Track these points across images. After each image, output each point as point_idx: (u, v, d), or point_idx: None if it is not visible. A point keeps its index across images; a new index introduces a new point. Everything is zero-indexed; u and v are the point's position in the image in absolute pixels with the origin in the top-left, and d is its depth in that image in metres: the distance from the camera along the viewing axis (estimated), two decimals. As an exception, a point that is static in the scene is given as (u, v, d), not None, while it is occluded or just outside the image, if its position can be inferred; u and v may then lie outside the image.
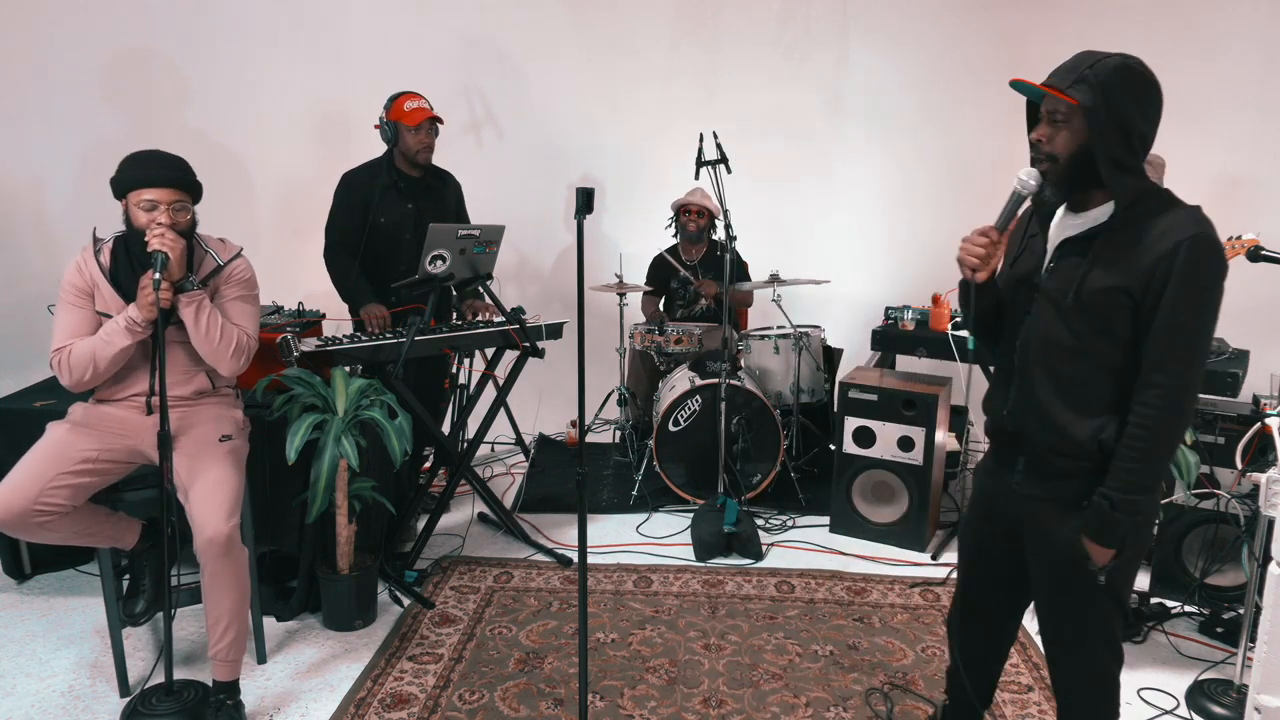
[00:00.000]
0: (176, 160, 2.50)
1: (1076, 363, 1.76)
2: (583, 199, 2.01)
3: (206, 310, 2.50)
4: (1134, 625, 3.00)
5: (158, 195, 2.42)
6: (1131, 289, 1.67)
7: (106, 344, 2.45)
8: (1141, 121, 1.68)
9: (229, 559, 2.40)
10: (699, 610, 3.14)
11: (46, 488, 2.33)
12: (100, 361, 2.45)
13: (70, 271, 2.52)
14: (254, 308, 2.68)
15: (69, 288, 2.51)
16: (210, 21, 4.80)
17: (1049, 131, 1.75)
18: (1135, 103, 1.67)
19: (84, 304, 2.51)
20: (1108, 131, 1.66)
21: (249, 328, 2.63)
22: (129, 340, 2.45)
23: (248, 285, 2.66)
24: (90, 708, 2.57)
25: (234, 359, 2.57)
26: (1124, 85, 1.66)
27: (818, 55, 4.98)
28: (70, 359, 2.46)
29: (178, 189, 2.45)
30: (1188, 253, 1.62)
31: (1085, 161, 1.70)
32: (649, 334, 4.35)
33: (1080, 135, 1.69)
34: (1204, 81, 4.55)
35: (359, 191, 3.53)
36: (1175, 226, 1.66)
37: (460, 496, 4.04)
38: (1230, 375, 3.07)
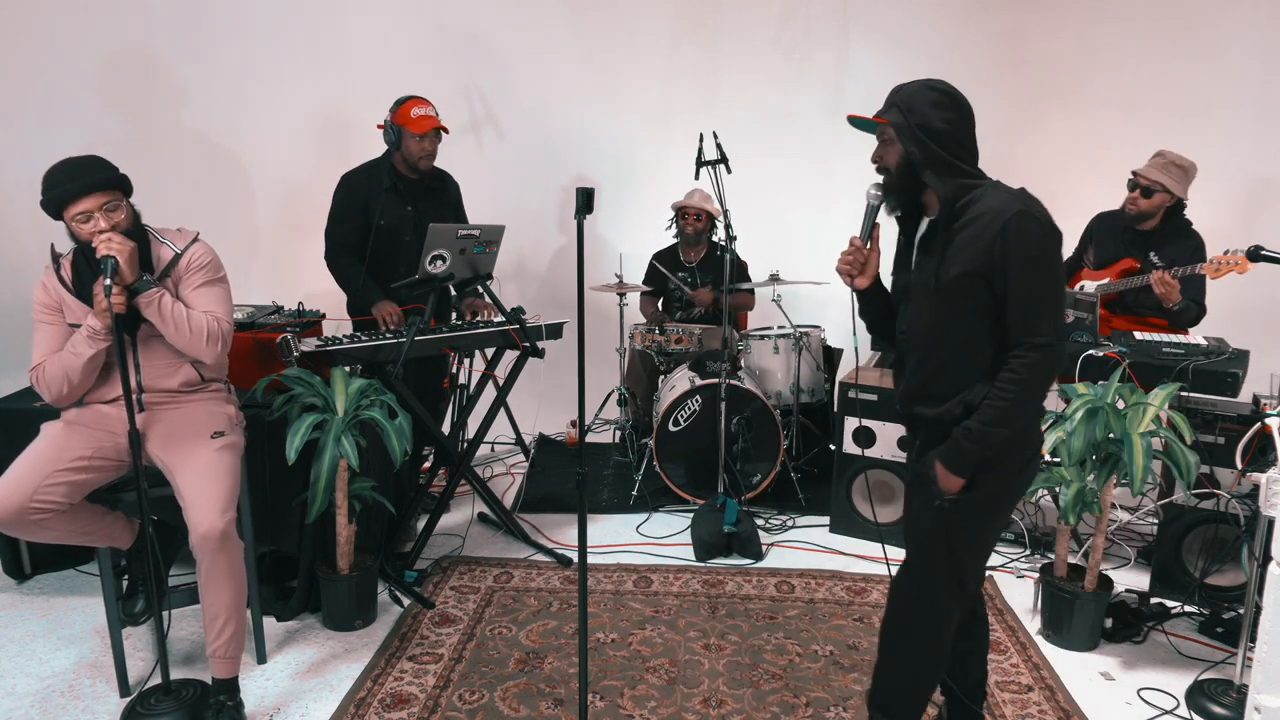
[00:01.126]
0: (90, 162, 2.44)
1: (947, 347, 2.00)
2: (583, 199, 2.01)
3: (169, 305, 2.46)
4: (1133, 625, 3.01)
5: (85, 205, 2.37)
6: (980, 271, 1.90)
7: (74, 356, 2.44)
8: (942, 124, 1.95)
9: (225, 554, 2.40)
10: (699, 610, 3.14)
11: (42, 485, 2.33)
12: (72, 374, 2.46)
13: (37, 291, 2.52)
14: (221, 289, 2.63)
15: (38, 306, 2.52)
16: (209, 22, 4.80)
17: (880, 150, 2.07)
18: (933, 111, 1.95)
19: (55, 320, 2.51)
20: (916, 139, 1.95)
21: (218, 311, 2.57)
22: (93, 349, 2.43)
23: (211, 269, 2.60)
24: (90, 708, 2.57)
25: (210, 347, 2.54)
26: (921, 99, 1.97)
27: (818, 55, 4.98)
28: (45, 376, 2.48)
29: (102, 191, 2.40)
30: (1014, 230, 1.86)
31: (910, 170, 2.00)
32: (649, 334, 4.35)
33: (899, 148, 2.00)
34: (1204, 81, 4.55)
35: (358, 193, 3.53)
36: (1000, 209, 1.89)
37: (460, 496, 4.04)
38: (1230, 375, 3.07)
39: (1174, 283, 3.39)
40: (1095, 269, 3.78)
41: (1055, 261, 1.93)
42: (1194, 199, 3.67)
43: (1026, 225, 1.87)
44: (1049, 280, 1.91)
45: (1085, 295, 3.43)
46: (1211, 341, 3.32)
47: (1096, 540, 2.89)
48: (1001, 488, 2.03)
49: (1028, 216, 1.87)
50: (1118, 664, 2.87)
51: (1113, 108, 4.70)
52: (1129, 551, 3.61)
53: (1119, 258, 3.68)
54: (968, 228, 1.93)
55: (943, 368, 2.02)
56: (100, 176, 2.41)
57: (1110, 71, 4.71)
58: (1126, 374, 3.02)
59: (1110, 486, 2.84)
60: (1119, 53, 4.68)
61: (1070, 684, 2.74)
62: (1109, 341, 3.38)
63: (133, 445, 2.35)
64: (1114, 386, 2.86)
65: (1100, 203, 3.78)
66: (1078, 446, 2.77)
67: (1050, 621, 2.98)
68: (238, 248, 2.83)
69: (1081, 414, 2.79)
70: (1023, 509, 3.87)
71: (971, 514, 2.01)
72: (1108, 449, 2.80)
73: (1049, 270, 1.91)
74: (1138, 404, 2.80)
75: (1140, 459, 2.65)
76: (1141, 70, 4.65)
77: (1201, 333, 3.49)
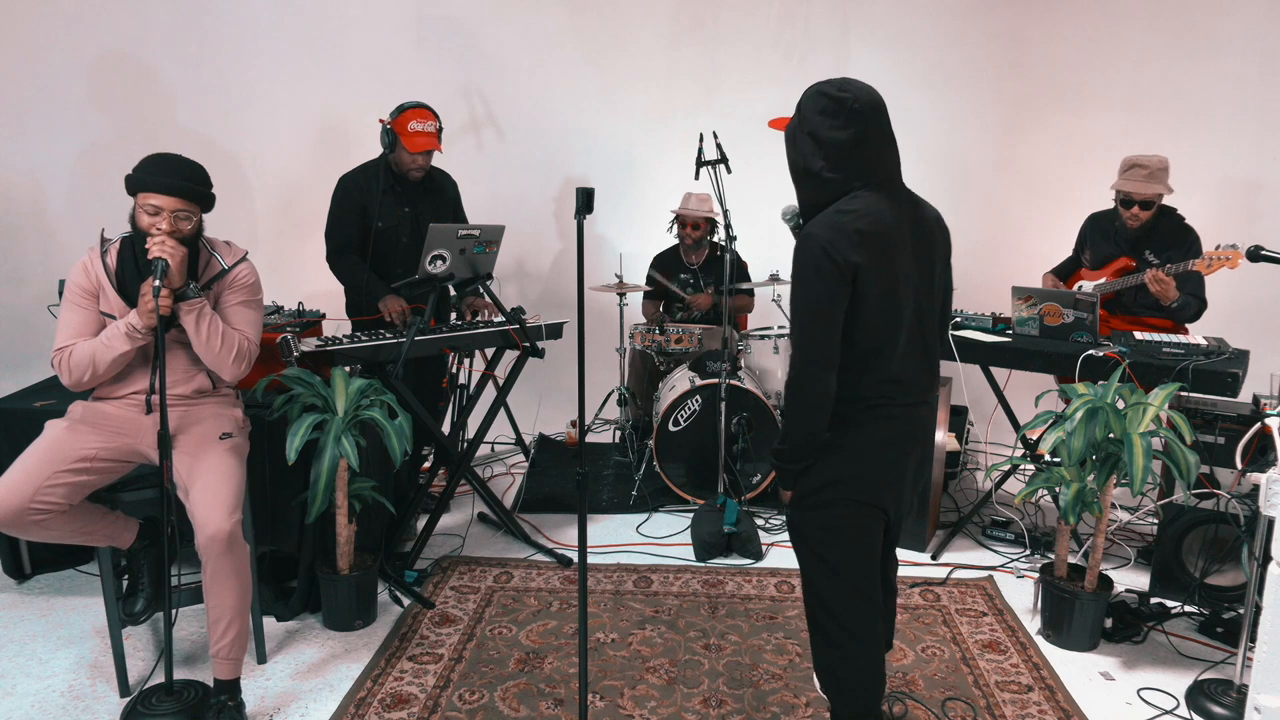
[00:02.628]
0: (190, 169, 2.49)
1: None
2: (583, 199, 2.01)
3: (208, 317, 2.50)
4: (1133, 625, 3.01)
5: (162, 201, 2.42)
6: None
7: (107, 348, 2.46)
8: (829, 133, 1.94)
9: (230, 556, 2.40)
10: (699, 610, 3.14)
11: (43, 486, 2.33)
12: (100, 365, 2.47)
13: (76, 272, 2.53)
14: (257, 313, 2.68)
15: (74, 288, 2.52)
16: (208, 23, 4.80)
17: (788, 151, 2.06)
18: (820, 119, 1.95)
19: (89, 304, 2.52)
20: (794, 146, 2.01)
21: (250, 333, 2.63)
22: (129, 346, 2.46)
23: (251, 290, 2.66)
24: (90, 708, 2.57)
25: (235, 365, 2.58)
26: (812, 104, 1.97)
27: (818, 55, 4.98)
28: (71, 360, 2.48)
29: (183, 198, 2.45)
30: (795, 251, 1.92)
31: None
32: (649, 334, 4.35)
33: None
34: (1204, 82, 4.55)
35: (355, 195, 3.53)
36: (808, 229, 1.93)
37: (460, 496, 4.04)
38: (1230, 375, 3.07)
39: (1169, 280, 3.40)
40: (1092, 269, 3.78)
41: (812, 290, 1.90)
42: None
43: (797, 252, 1.91)
44: (801, 306, 1.92)
45: (1085, 295, 3.44)
46: (1211, 341, 3.32)
47: (1096, 540, 2.89)
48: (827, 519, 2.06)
49: (801, 241, 1.91)
50: (1118, 664, 2.87)
51: (1113, 108, 4.70)
52: (1129, 551, 3.61)
53: (1114, 257, 3.68)
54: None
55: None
56: (190, 186, 2.47)
57: (1110, 71, 4.71)
58: (1126, 374, 3.02)
59: (1110, 486, 2.84)
60: (1119, 53, 4.68)
61: (1070, 684, 2.74)
62: (1109, 341, 3.38)
63: (163, 446, 2.35)
64: (1114, 386, 2.87)
65: (1100, 203, 3.79)
66: (1078, 446, 2.77)
67: (1050, 621, 2.98)
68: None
69: (1081, 414, 2.79)
70: (1023, 509, 3.88)
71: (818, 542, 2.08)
72: (1108, 449, 2.80)
73: (801, 297, 1.92)
74: (1138, 404, 2.80)
75: (1140, 459, 2.65)
76: (1141, 70, 4.65)
77: (1201, 333, 3.49)
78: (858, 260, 1.88)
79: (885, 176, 2.00)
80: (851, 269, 1.88)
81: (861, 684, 2.13)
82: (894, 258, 1.95)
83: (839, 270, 1.87)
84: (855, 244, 1.88)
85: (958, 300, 3.83)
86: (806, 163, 1.98)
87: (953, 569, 3.46)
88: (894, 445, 2.05)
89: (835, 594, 2.09)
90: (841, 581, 2.08)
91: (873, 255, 1.90)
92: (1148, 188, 3.49)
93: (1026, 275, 3.91)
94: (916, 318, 2.03)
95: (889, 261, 1.93)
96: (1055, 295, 3.51)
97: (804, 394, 1.96)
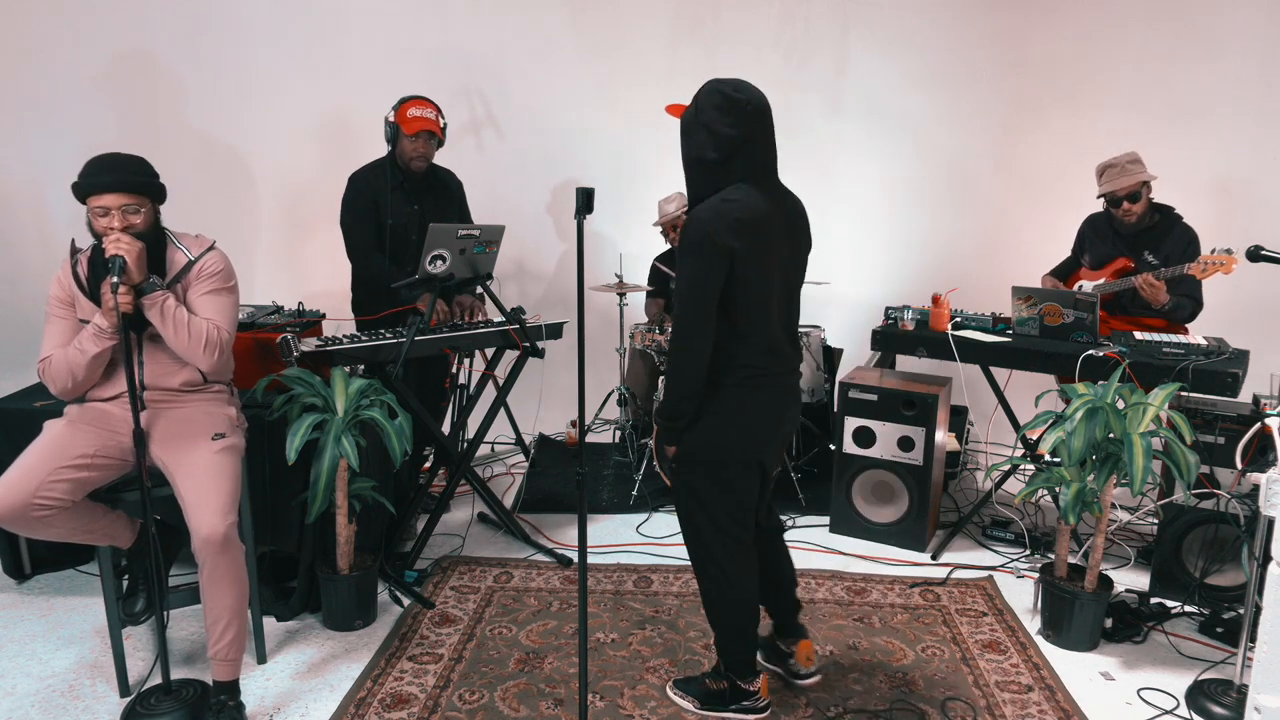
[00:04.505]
0: (130, 162, 2.47)
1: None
2: (583, 199, 2.02)
3: (171, 309, 2.48)
4: (1133, 625, 3.01)
5: (108, 200, 2.41)
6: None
7: (80, 352, 2.47)
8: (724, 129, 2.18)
9: (227, 557, 2.40)
10: (699, 610, 3.14)
11: (45, 482, 2.34)
12: (77, 370, 2.48)
13: (52, 284, 2.55)
14: (228, 300, 2.64)
15: (52, 300, 2.55)
16: (211, 22, 4.80)
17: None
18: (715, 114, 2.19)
19: (67, 314, 2.54)
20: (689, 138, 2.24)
21: (220, 321, 2.59)
22: (99, 347, 2.46)
23: (221, 278, 2.63)
24: (90, 708, 2.57)
25: (208, 355, 2.55)
26: (709, 100, 2.21)
27: (818, 56, 4.98)
28: (51, 369, 2.51)
29: (128, 192, 2.43)
30: (685, 227, 2.19)
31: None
32: (649, 333, 4.35)
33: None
34: (1204, 82, 4.55)
35: (366, 193, 3.54)
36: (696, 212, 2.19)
37: (460, 496, 4.04)
38: (1230, 375, 3.07)
39: (1159, 284, 3.41)
40: (1092, 269, 3.78)
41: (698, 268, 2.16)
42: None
43: (687, 230, 2.18)
44: (685, 282, 2.19)
45: (1084, 295, 3.44)
46: (1211, 341, 3.32)
47: (1096, 540, 2.89)
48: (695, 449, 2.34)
49: (695, 220, 2.17)
50: (1118, 664, 2.87)
51: (1113, 108, 4.70)
52: (1129, 551, 3.61)
53: (1113, 258, 3.68)
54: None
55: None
56: (130, 179, 2.45)
57: (1110, 71, 4.71)
58: (1126, 374, 3.02)
59: (1110, 486, 2.84)
60: (1119, 53, 4.68)
61: (1070, 684, 2.74)
62: (1109, 341, 3.38)
63: (137, 444, 2.35)
64: (1114, 386, 2.87)
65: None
66: (1078, 446, 2.77)
67: (1050, 621, 2.98)
68: (238, 247, 2.83)
69: (1081, 414, 2.79)
70: (1023, 509, 3.88)
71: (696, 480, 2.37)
72: (1108, 449, 2.80)
73: (685, 274, 2.18)
74: (1138, 404, 2.80)
75: (1140, 459, 2.65)
76: (1141, 70, 4.65)
77: (1201, 333, 3.49)
78: (735, 245, 2.15)
79: (764, 171, 2.27)
80: (729, 252, 2.15)
81: (740, 613, 2.45)
82: (768, 244, 2.22)
83: (719, 252, 2.14)
84: (734, 230, 2.15)
85: (958, 300, 3.83)
86: (699, 152, 2.23)
87: (953, 569, 3.46)
88: (773, 408, 2.36)
89: (718, 541, 2.39)
90: (723, 531, 2.38)
91: (749, 241, 2.17)
92: (1124, 180, 3.51)
93: (1026, 275, 3.91)
94: (785, 297, 2.36)
95: (763, 247, 2.21)
96: (1055, 295, 3.51)
97: (681, 358, 2.23)
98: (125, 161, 2.47)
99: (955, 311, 3.78)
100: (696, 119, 2.23)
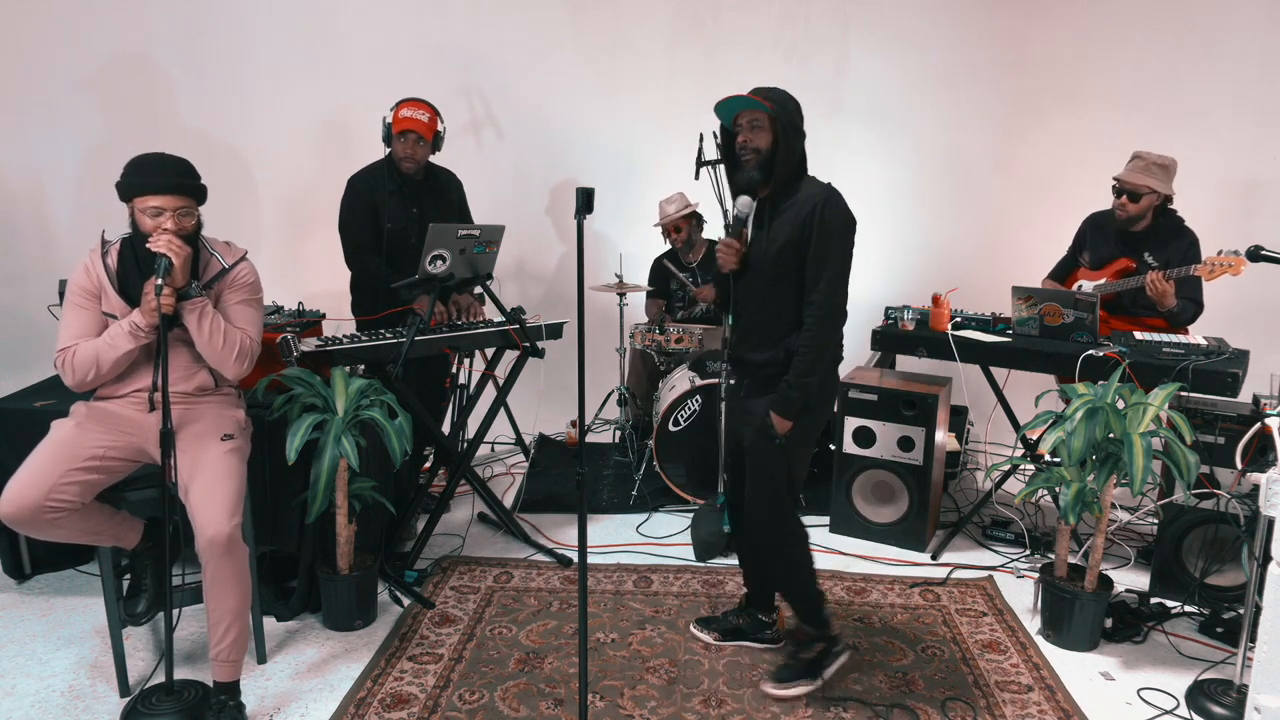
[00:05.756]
0: (181, 165, 2.50)
1: (765, 310, 2.55)
2: (583, 199, 2.02)
3: (210, 316, 2.51)
4: (1133, 625, 3.01)
5: (162, 202, 2.43)
6: (795, 241, 2.44)
7: (111, 348, 2.46)
8: (801, 126, 2.51)
9: (230, 558, 2.40)
10: (699, 610, 3.14)
11: (57, 484, 2.33)
12: (104, 364, 2.48)
13: (78, 273, 2.53)
14: (257, 311, 2.69)
15: (76, 289, 2.53)
16: (211, 22, 4.80)
17: (750, 135, 2.50)
18: (796, 116, 2.50)
19: (91, 305, 2.52)
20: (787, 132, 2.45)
21: (252, 331, 2.63)
22: (132, 345, 2.46)
23: (252, 289, 2.67)
24: (90, 708, 2.57)
25: (238, 363, 2.58)
26: (791, 103, 2.51)
27: (818, 56, 4.98)
28: (75, 360, 2.48)
29: (182, 194, 2.46)
30: (822, 211, 2.41)
31: (773, 155, 2.48)
32: (649, 334, 4.35)
33: (769, 135, 2.48)
34: (1204, 82, 4.55)
35: (364, 195, 3.54)
36: (813, 195, 2.45)
37: (460, 496, 4.04)
38: (1230, 375, 3.07)
39: (1168, 286, 3.38)
40: (1091, 270, 3.78)
41: (848, 240, 2.48)
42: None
43: (831, 209, 2.42)
44: (839, 254, 2.45)
45: (1084, 295, 3.44)
46: (1211, 341, 3.32)
47: (1096, 540, 2.89)
48: (815, 419, 2.60)
49: (833, 201, 2.44)
50: (1118, 664, 2.87)
51: (1113, 108, 4.70)
52: (1129, 551, 3.61)
53: (1114, 258, 3.68)
54: (791, 209, 2.46)
55: (769, 320, 2.54)
56: (186, 181, 2.48)
57: (1110, 71, 4.70)
58: (1126, 374, 3.02)
59: (1110, 486, 2.84)
60: (1119, 53, 4.68)
61: (1070, 684, 2.74)
62: (1109, 341, 3.38)
63: (164, 444, 2.35)
64: (1114, 386, 2.87)
65: (1100, 202, 3.79)
66: (1078, 446, 2.77)
67: (1050, 621, 2.98)
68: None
69: (1081, 414, 2.79)
70: (1023, 509, 3.88)
71: (799, 441, 2.57)
72: (1108, 449, 2.80)
73: (840, 246, 2.45)
74: (1138, 404, 2.80)
75: (1140, 459, 2.65)
76: (1141, 70, 4.65)
77: (1201, 333, 3.49)
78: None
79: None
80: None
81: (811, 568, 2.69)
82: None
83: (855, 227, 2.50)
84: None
85: (958, 300, 3.83)
86: (800, 147, 2.51)
87: (953, 569, 3.46)
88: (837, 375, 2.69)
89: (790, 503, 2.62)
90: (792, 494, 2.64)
91: None
92: (1135, 177, 3.49)
93: (1026, 275, 3.91)
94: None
95: None
96: (1055, 295, 3.50)
97: (832, 329, 2.50)
98: (176, 163, 2.49)
99: (955, 311, 3.78)
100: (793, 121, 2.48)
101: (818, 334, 2.45)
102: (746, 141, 2.50)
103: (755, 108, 2.47)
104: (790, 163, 2.48)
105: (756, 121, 2.49)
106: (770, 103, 2.45)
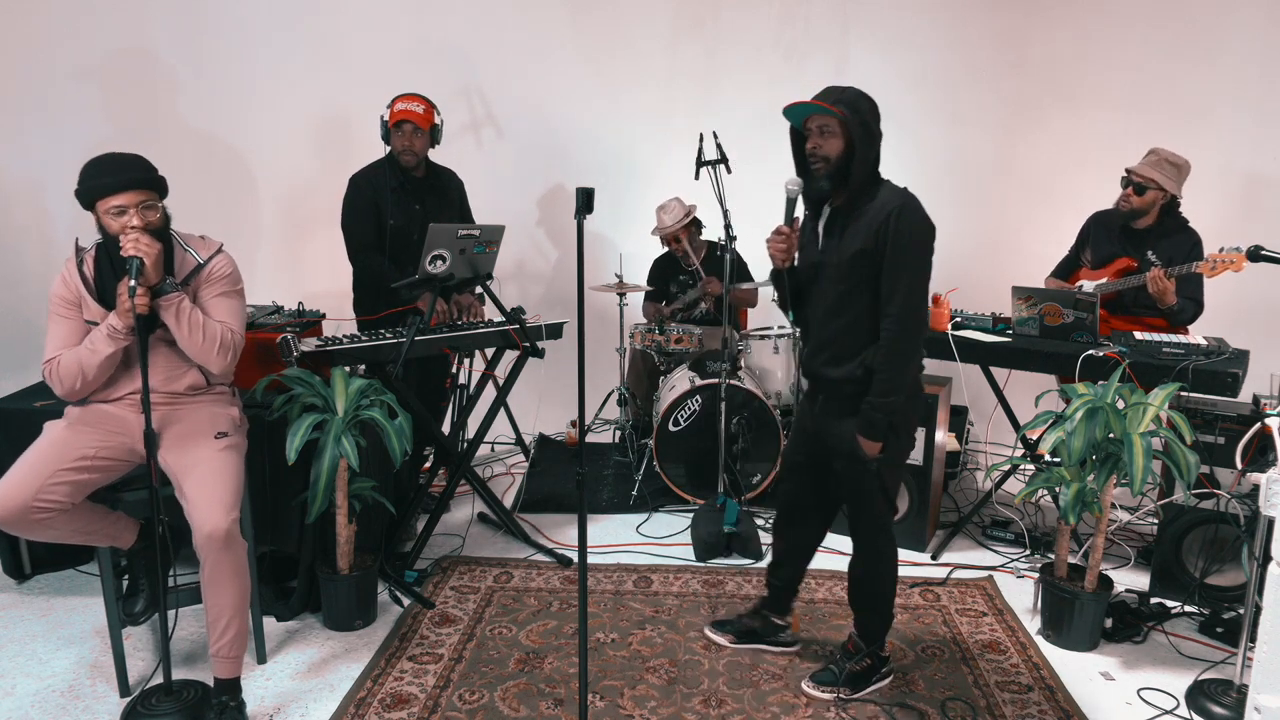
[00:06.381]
0: (134, 160, 2.47)
1: (848, 315, 2.43)
2: (582, 198, 2.01)
3: (187, 311, 2.48)
4: (1133, 625, 3.01)
5: (124, 200, 2.39)
6: (869, 249, 2.34)
7: (92, 353, 2.45)
8: (876, 130, 2.38)
9: (229, 554, 2.40)
10: (699, 610, 3.14)
11: (45, 484, 2.33)
12: (88, 370, 2.47)
13: (56, 284, 2.53)
14: (238, 302, 2.65)
15: (56, 300, 2.52)
16: (211, 21, 4.80)
17: (819, 140, 2.39)
18: (871, 119, 2.37)
19: (72, 314, 2.52)
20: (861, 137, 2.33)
21: (233, 323, 2.60)
22: (112, 348, 2.45)
23: (230, 281, 2.63)
24: (90, 708, 2.57)
25: (220, 357, 2.55)
26: (864, 104, 2.37)
27: (818, 55, 4.97)
28: (60, 370, 2.48)
29: (141, 189, 2.42)
30: (897, 218, 2.31)
31: (846, 161, 2.37)
32: (649, 334, 4.35)
33: (840, 141, 2.37)
34: (1204, 82, 4.55)
35: (366, 193, 3.54)
36: (889, 201, 2.35)
37: (460, 496, 4.04)
38: (1230, 375, 3.07)
39: (1169, 283, 3.38)
40: (1093, 268, 3.78)
41: (927, 247, 2.37)
42: (1193, 200, 3.67)
43: (908, 216, 2.32)
44: (918, 262, 2.35)
45: (1085, 295, 3.44)
46: (1211, 341, 3.32)
47: (1096, 540, 2.89)
48: (903, 439, 2.51)
49: (910, 209, 2.34)
50: (1118, 664, 2.87)
51: (1113, 108, 4.70)
52: (1129, 551, 3.61)
53: (1115, 257, 3.67)
54: (865, 215, 2.36)
55: (843, 333, 2.44)
56: (143, 175, 2.45)
57: (1110, 71, 4.70)
58: (1126, 374, 3.02)
59: (1110, 486, 2.84)
60: (1119, 53, 4.68)
61: (1070, 684, 2.74)
62: (1109, 341, 3.38)
63: (148, 445, 2.35)
64: (1114, 386, 2.86)
65: (1100, 202, 3.79)
66: (1078, 446, 2.77)
67: (1050, 621, 2.98)
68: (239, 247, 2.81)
69: (1081, 414, 2.79)
70: (1023, 509, 3.88)
71: (890, 463, 2.48)
72: (1108, 449, 2.80)
73: (919, 253, 2.36)
74: (1138, 404, 2.80)
75: (1140, 459, 2.65)
76: (1141, 70, 4.64)
77: (1201, 333, 3.49)
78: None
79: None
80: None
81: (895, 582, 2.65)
82: None
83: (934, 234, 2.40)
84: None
85: (958, 300, 3.83)
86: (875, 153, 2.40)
87: (953, 569, 3.46)
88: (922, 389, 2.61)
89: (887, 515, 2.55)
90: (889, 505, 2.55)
91: None
92: (1145, 170, 3.49)
93: (1026, 275, 3.91)
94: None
95: None
96: (1055, 295, 3.50)
97: (911, 343, 2.39)
98: (130, 160, 2.47)
99: (955, 311, 3.78)
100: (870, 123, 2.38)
101: (896, 348, 2.35)
102: (816, 148, 2.39)
103: (825, 113, 2.36)
104: (864, 171, 2.37)
105: (827, 127, 2.37)
106: (841, 108, 2.33)
